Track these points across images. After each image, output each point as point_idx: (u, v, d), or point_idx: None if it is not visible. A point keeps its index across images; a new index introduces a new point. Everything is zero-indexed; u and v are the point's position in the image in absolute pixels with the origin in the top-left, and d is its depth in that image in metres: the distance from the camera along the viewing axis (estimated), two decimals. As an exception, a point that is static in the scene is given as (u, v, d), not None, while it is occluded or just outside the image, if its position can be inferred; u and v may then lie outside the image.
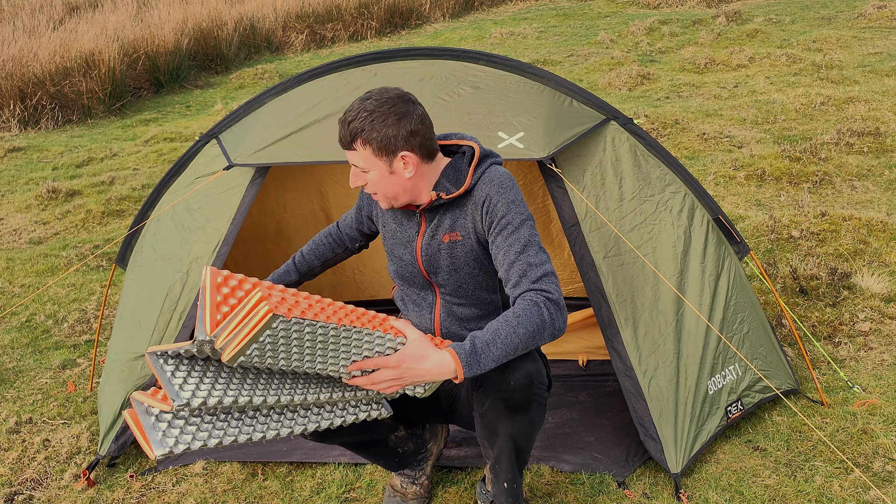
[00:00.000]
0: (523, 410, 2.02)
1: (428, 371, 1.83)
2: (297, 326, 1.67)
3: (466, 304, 2.21)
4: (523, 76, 2.95)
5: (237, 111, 3.18)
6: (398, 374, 1.85)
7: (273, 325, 1.63)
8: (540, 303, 1.89)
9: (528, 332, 1.85)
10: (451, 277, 2.18)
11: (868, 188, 5.18)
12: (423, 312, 2.28)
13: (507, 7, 14.95)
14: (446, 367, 1.82)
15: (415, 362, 1.84)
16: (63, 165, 7.49)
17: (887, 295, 3.72)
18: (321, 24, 13.21)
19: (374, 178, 2.04)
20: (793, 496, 2.48)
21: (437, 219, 2.15)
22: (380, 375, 1.86)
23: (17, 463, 2.89)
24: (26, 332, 4.05)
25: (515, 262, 1.97)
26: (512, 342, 1.84)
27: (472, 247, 2.12)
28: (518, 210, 2.03)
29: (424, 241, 2.18)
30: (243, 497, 2.61)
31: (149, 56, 10.72)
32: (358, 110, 1.97)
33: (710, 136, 6.39)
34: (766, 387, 2.87)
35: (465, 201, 2.10)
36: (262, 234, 4.11)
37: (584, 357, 3.41)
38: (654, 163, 2.93)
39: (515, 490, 2.20)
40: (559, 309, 1.91)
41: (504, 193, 2.04)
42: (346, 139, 2.00)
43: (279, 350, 1.70)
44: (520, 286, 1.94)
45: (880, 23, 10.30)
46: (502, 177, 2.08)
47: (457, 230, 2.12)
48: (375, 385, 1.87)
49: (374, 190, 2.08)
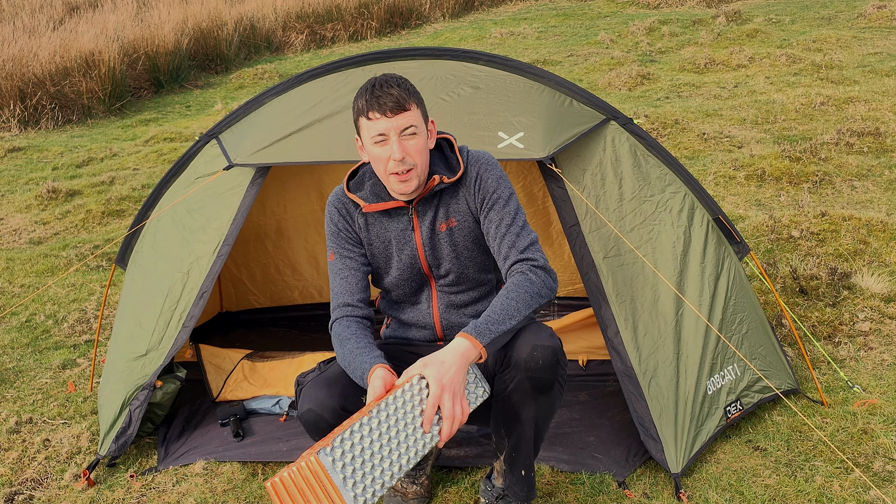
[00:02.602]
0: (547, 391, 2.08)
1: (458, 364, 1.86)
2: (341, 444, 1.73)
3: (465, 289, 2.26)
4: (523, 76, 2.95)
5: (237, 111, 3.18)
6: (450, 392, 1.83)
7: (322, 460, 1.69)
8: (525, 271, 2.06)
9: (521, 295, 2.00)
10: (454, 265, 2.23)
11: (868, 188, 5.18)
12: (421, 310, 2.30)
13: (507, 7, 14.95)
14: (464, 348, 1.88)
15: (444, 370, 1.84)
16: (63, 165, 7.49)
17: (887, 295, 3.72)
18: (321, 24, 13.21)
19: (420, 142, 2.10)
20: (793, 496, 2.48)
21: (429, 211, 2.20)
22: (447, 408, 1.84)
23: (17, 463, 2.89)
24: (26, 332, 4.05)
25: (506, 234, 2.13)
26: (510, 307, 1.98)
27: (470, 228, 2.21)
28: (506, 185, 2.18)
29: (424, 236, 2.21)
30: (243, 497, 2.61)
31: (149, 56, 10.72)
32: (396, 78, 2.07)
33: (710, 136, 6.39)
34: (766, 387, 2.87)
35: (456, 186, 2.21)
36: (262, 234, 4.11)
37: (584, 357, 3.41)
38: (654, 163, 2.93)
39: (531, 479, 2.23)
40: (546, 272, 2.08)
41: (492, 170, 2.19)
42: (402, 98, 2.04)
43: (358, 470, 1.74)
44: (509, 258, 2.11)
45: (880, 23, 10.30)
46: (486, 156, 2.23)
47: (451, 216, 2.20)
48: (455, 418, 1.84)
49: (416, 157, 2.09)
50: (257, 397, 3.18)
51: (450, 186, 2.20)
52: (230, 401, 3.21)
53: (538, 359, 2.02)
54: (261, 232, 4.09)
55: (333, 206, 2.26)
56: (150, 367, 2.87)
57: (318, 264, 4.19)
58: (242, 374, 3.34)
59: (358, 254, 2.26)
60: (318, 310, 4.15)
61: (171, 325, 2.90)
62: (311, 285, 4.21)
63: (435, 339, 2.33)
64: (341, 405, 2.05)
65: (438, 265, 2.23)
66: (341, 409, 2.04)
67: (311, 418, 2.06)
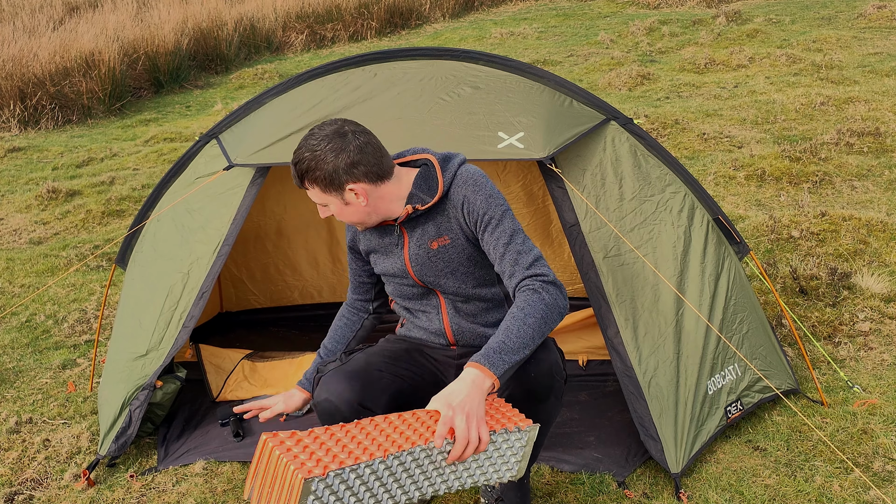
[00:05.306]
0: (542, 402, 2.05)
1: (468, 390, 1.79)
2: (335, 478, 1.58)
3: (470, 300, 2.24)
4: (523, 76, 2.95)
5: (237, 111, 3.18)
6: (462, 413, 1.75)
7: (312, 489, 1.56)
8: (538, 288, 1.97)
9: (536, 320, 1.92)
10: (450, 280, 2.20)
11: (868, 188, 5.18)
12: (431, 318, 2.30)
13: (507, 7, 14.94)
14: (477, 378, 1.81)
15: (453, 396, 1.78)
16: (63, 165, 7.48)
17: (887, 295, 3.72)
18: (321, 24, 13.20)
19: (334, 210, 2.15)
20: (793, 496, 2.48)
21: (419, 228, 2.19)
22: (460, 428, 1.74)
23: (17, 463, 2.89)
24: (26, 332, 4.05)
25: (506, 254, 2.05)
26: (525, 333, 1.89)
27: (463, 246, 2.16)
28: (496, 203, 2.10)
29: (412, 252, 2.21)
30: (243, 497, 2.61)
31: (149, 56, 10.71)
32: (302, 151, 2.07)
33: (710, 136, 6.39)
34: (766, 387, 2.87)
35: (444, 206, 2.15)
36: (262, 234, 4.11)
37: (584, 357, 3.41)
38: (654, 163, 2.93)
39: (524, 486, 2.21)
40: (557, 288, 1.99)
41: (479, 190, 2.10)
42: (297, 181, 2.12)
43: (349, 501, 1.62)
44: (515, 276, 2.03)
45: (880, 23, 10.30)
46: (474, 174, 2.14)
47: (443, 234, 2.16)
48: (471, 442, 1.75)
49: (341, 219, 2.17)
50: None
51: (437, 206, 2.15)
52: (230, 401, 3.21)
53: (531, 371, 2.00)
54: (261, 232, 4.09)
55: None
56: (150, 367, 2.87)
57: (317, 264, 4.19)
58: (242, 374, 3.34)
59: (361, 260, 2.41)
60: (318, 310, 4.15)
61: (172, 325, 2.90)
62: (310, 285, 4.21)
63: (448, 344, 2.32)
64: (359, 400, 2.06)
65: (432, 279, 2.22)
66: (359, 405, 2.06)
67: (327, 408, 2.08)
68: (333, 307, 4.13)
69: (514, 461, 1.87)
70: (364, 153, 2.07)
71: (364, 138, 2.09)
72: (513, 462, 1.87)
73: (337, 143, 2.05)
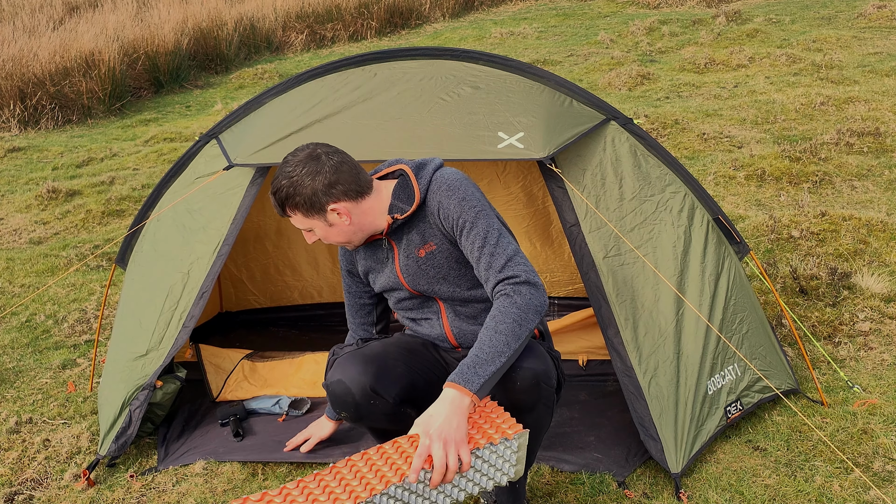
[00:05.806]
0: (529, 411, 2.02)
1: (446, 413, 1.78)
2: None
3: (467, 302, 2.24)
4: (523, 76, 2.95)
5: (237, 111, 3.18)
6: (439, 440, 1.73)
7: None
8: (509, 292, 1.94)
9: (508, 325, 1.89)
10: (443, 285, 2.21)
11: (868, 188, 5.18)
12: (433, 324, 2.31)
13: (507, 7, 14.94)
14: (455, 398, 1.80)
15: (431, 422, 1.76)
16: (63, 165, 7.48)
17: (887, 295, 3.72)
18: (321, 24, 13.20)
19: (319, 233, 2.16)
20: (793, 496, 2.48)
21: (405, 238, 2.19)
22: (437, 457, 1.72)
23: (17, 463, 2.89)
24: (26, 332, 4.05)
25: (481, 258, 2.03)
26: (498, 341, 1.88)
27: (449, 251, 2.16)
28: (469, 205, 2.07)
29: (402, 263, 2.21)
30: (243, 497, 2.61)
31: (149, 56, 10.71)
32: (279, 180, 2.09)
33: (710, 136, 6.39)
34: (766, 387, 2.87)
35: (423, 213, 2.15)
36: (262, 234, 4.11)
37: (584, 357, 3.41)
38: (654, 163, 2.93)
39: (518, 490, 2.21)
40: (530, 286, 1.95)
41: (452, 194, 2.09)
42: (278, 210, 2.13)
43: None
44: (489, 282, 2.01)
45: (880, 23, 10.30)
46: (448, 178, 2.12)
47: (428, 241, 2.16)
48: (449, 468, 1.73)
49: (327, 241, 2.18)
50: (257, 397, 3.18)
51: (418, 213, 2.16)
52: (230, 401, 3.21)
53: (515, 380, 1.98)
54: (261, 232, 4.09)
55: None
56: (150, 367, 2.87)
57: (317, 265, 4.19)
58: (242, 374, 3.34)
59: (361, 282, 2.43)
60: (318, 310, 4.15)
61: (172, 325, 2.90)
62: (310, 285, 4.21)
63: (451, 347, 2.33)
64: (371, 385, 2.07)
65: (426, 287, 2.22)
66: (371, 390, 2.07)
67: (339, 390, 2.09)
68: (333, 307, 4.16)
69: (509, 466, 1.86)
70: (340, 172, 2.08)
71: (338, 157, 2.10)
72: (507, 467, 1.86)
73: (312, 166, 2.06)
